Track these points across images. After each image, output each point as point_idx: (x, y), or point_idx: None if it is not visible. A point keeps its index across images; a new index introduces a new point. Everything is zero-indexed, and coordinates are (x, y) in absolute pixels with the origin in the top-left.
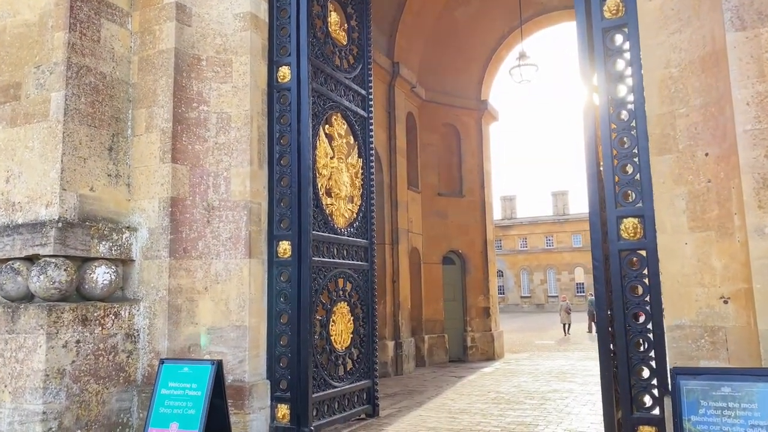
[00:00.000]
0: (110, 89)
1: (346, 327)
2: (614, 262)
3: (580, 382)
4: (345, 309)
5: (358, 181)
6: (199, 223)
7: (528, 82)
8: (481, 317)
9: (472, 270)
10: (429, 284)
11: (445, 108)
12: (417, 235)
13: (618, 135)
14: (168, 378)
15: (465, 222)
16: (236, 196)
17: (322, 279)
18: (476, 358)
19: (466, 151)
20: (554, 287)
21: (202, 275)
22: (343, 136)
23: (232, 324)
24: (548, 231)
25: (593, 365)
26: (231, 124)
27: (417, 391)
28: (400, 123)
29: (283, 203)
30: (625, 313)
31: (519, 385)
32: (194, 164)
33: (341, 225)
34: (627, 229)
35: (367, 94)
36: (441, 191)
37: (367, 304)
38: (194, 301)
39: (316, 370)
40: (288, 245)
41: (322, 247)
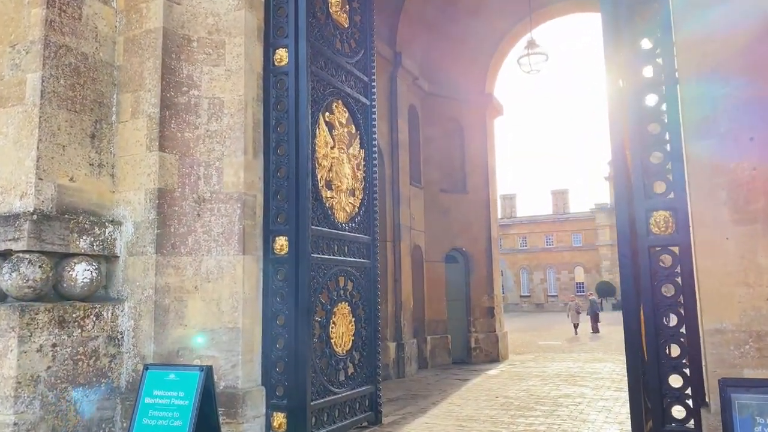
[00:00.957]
0: (93, 71)
1: (347, 329)
2: (643, 260)
3: (591, 386)
4: (346, 310)
5: (360, 173)
6: (188, 217)
7: (537, 72)
8: (485, 317)
9: (476, 269)
10: (431, 283)
11: (449, 101)
12: (419, 233)
13: (646, 120)
14: (153, 385)
15: (468, 219)
16: (229, 187)
17: (322, 277)
18: (480, 360)
19: (470, 146)
20: (554, 287)
21: (192, 273)
22: (345, 124)
23: (224, 326)
24: (548, 230)
25: (602, 367)
26: (224, 110)
27: (421, 395)
28: (402, 116)
29: (280, 196)
30: (655, 315)
31: (528, 389)
32: (184, 153)
33: (342, 220)
34: (657, 223)
35: (369, 80)
36: (444, 187)
37: (369, 305)
38: (183, 301)
39: (315, 376)
40: (285, 241)
41: (321, 243)
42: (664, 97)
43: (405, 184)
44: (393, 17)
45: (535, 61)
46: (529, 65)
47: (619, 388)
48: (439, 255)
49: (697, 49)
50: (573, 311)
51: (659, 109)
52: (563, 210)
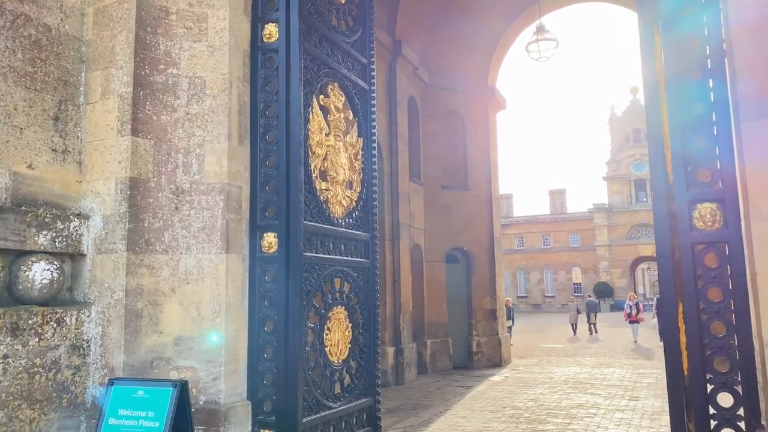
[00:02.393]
0: (57, 45)
1: (343, 335)
2: (686, 259)
3: (603, 395)
4: (342, 314)
5: (357, 164)
6: (165, 210)
7: (546, 59)
8: (487, 320)
9: (478, 269)
10: (431, 284)
11: (450, 94)
12: (419, 231)
13: (689, 97)
14: (118, 404)
15: (470, 217)
16: (211, 177)
17: (315, 278)
18: (482, 365)
19: (472, 140)
20: (551, 287)
21: (169, 273)
22: (341, 110)
23: (204, 333)
24: (545, 230)
25: (610, 373)
26: (206, 90)
27: (422, 405)
28: (402, 108)
29: (269, 187)
30: (700, 323)
31: (536, 398)
32: (160, 138)
33: (338, 215)
34: (702, 217)
35: (368, 62)
36: (444, 184)
37: (368, 308)
38: (158, 305)
39: (308, 389)
40: (274, 238)
41: (315, 240)
42: (710, 72)
43: (404, 180)
44: (392, 4)
45: (544, 48)
46: (538, 52)
47: (634, 397)
48: (440, 254)
49: (755, 12)
50: (573, 311)
51: (705, 85)
52: (561, 210)
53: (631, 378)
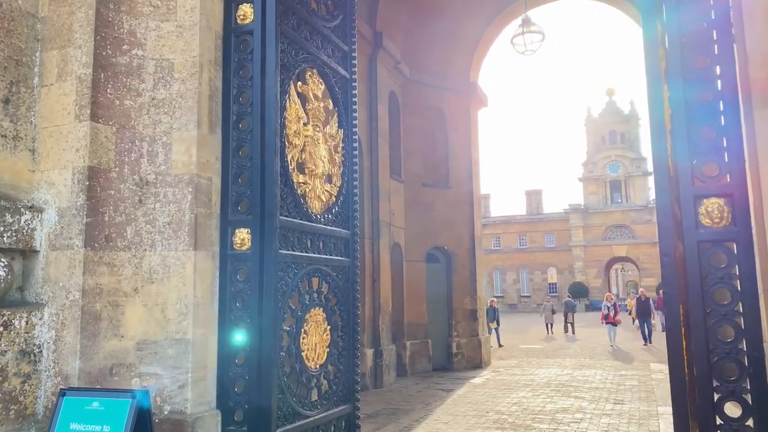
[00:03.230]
0: (8, 22)
1: (321, 339)
2: (691, 258)
3: (588, 398)
4: (320, 316)
5: (338, 157)
6: (128, 203)
7: (532, 53)
8: (468, 321)
9: (459, 269)
10: (411, 284)
11: (431, 89)
12: (399, 229)
13: (695, 85)
14: (70, 417)
15: (451, 216)
16: (179, 168)
17: (292, 278)
18: (462, 366)
19: (453, 138)
20: (527, 287)
21: (131, 272)
22: (320, 98)
23: (170, 337)
24: (522, 230)
25: (592, 375)
26: (174, 74)
27: (402, 409)
28: (383, 102)
29: (242, 179)
30: (706, 327)
31: (519, 402)
32: (123, 125)
33: (317, 210)
34: (709, 214)
35: (349, 49)
36: (426, 181)
37: (347, 310)
38: (119, 307)
39: (283, 397)
40: (247, 234)
41: (291, 237)
42: (717, 58)
43: (385, 177)
44: None
45: (530, 41)
46: (523, 45)
47: (619, 401)
48: (420, 254)
49: None
50: (548, 311)
51: (712, 72)
52: (537, 210)
53: (614, 380)
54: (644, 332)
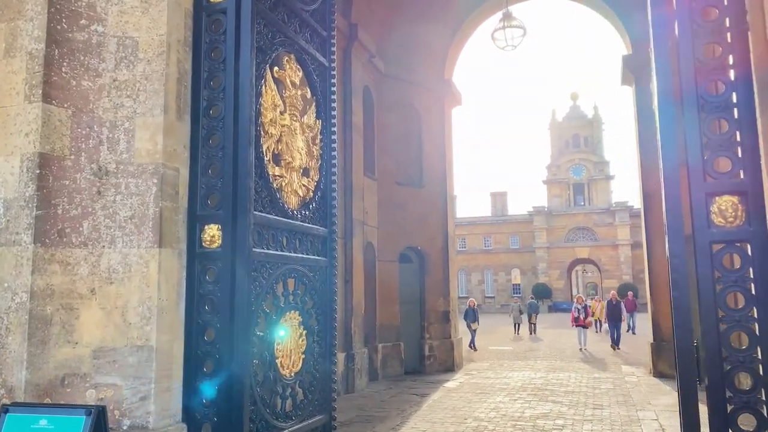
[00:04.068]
0: None
1: (296, 345)
2: (702, 260)
3: (566, 403)
4: (296, 320)
5: (316, 149)
6: (84, 195)
7: (513, 48)
8: (440, 323)
9: (432, 269)
10: (384, 285)
11: (406, 85)
12: (372, 229)
13: (707, 76)
14: None
15: (425, 216)
16: (143, 157)
17: (266, 279)
18: (434, 369)
19: (427, 136)
20: (491, 288)
21: (88, 271)
22: (298, 86)
23: (131, 343)
24: (487, 232)
25: (566, 378)
26: (138, 54)
27: (376, 417)
28: (357, 97)
29: (212, 171)
30: (719, 334)
31: (497, 408)
32: (80, 108)
33: (293, 205)
34: (722, 212)
35: (328, 35)
36: (399, 180)
37: (324, 313)
38: (73, 310)
39: (255, 408)
40: (217, 230)
41: (266, 234)
42: (731, 47)
43: (358, 174)
44: None
45: (511, 36)
46: (504, 40)
47: (598, 406)
48: (393, 254)
49: None
50: (516, 312)
51: (724, 61)
52: (502, 212)
53: (588, 384)
54: (614, 336)
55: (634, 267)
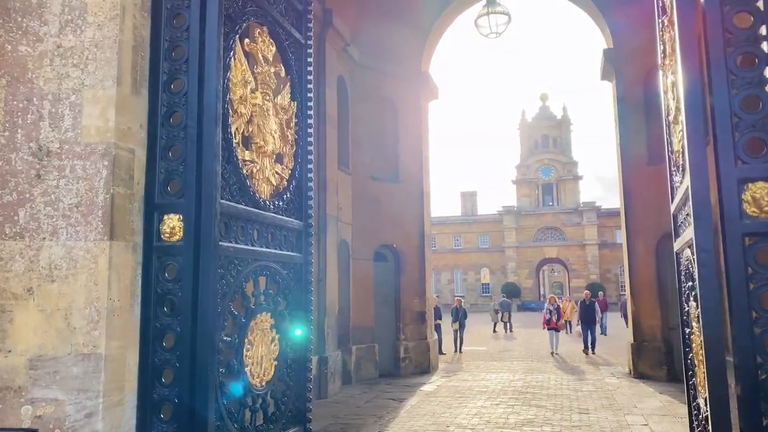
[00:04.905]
0: None
1: (268, 350)
2: (733, 255)
3: (550, 408)
4: (267, 323)
5: (290, 133)
6: (21, 178)
7: (497, 35)
8: (416, 323)
9: (407, 268)
10: (358, 284)
11: (382, 77)
12: (346, 225)
13: (737, 48)
14: None
15: (400, 212)
16: (91, 135)
17: (235, 277)
18: (410, 372)
19: (404, 129)
20: (460, 287)
21: (24, 267)
22: (271, 62)
23: (76, 351)
24: (457, 231)
25: (545, 380)
26: (87, 17)
27: (352, 425)
28: (331, 86)
29: (173, 153)
30: (753, 337)
31: (480, 413)
32: (16, 77)
33: (265, 195)
34: (756, 201)
35: (304, 9)
36: (375, 175)
37: (299, 315)
38: (6, 313)
39: (221, 424)
40: (179, 221)
41: (234, 226)
42: (763, 15)
43: (332, 168)
44: None
45: (495, 23)
46: (488, 26)
47: (583, 410)
48: (368, 252)
49: None
50: (492, 311)
51: (756, 31)
52: (472, 211)
53: (569, 386)
54: (587, 339)
55: (601, 266)
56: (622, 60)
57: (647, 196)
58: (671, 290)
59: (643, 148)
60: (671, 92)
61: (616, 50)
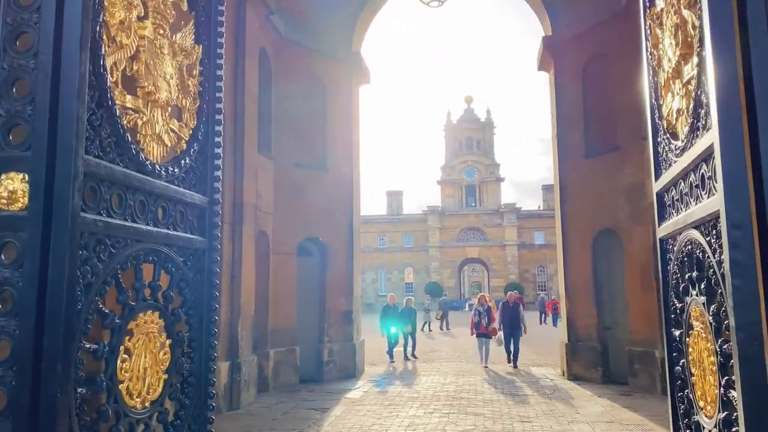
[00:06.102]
0: None
1: (155, 361)
2: None
3: (489, 416)
4: (155, 325)
5: (193, 84)
6: None
7: (440, 4)
8: (341, 324)
9: (335, 263)
10: (279, 281)
11: (310, 53)
12: (267, 215)
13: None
14: None
15: (328, 203)
16: None
17: (105, 262)
18: (333, 376)
19: (333, 114)
20: (384, 286)
21: None
22: None
23: None
24: (382, 230)
25: (478, 383)
26: None
27: None
28: (251, 58)
29: (19, 89)
30: None
31: (413, 425)
32: None
33: (156, 157)
34: None
35: None
36: (299, 161)
37: (200, 314)
38: None
39: None
40: (22, 182)
41: (106, 193)
42: None
43: (251, 149)
44: None
45: None
46: None
47: (525, 418)
48: (291, 245)
49: None
50: (423, 311)
51: None
52: (397, 211)
53: (503, 389)
54: (509, 349)
55: (520, 267)
56: (561, 49)
57: (584, 190)
58: (607, 289)
59: (580, 139)
60: (670, 36)
61: (555, 38)
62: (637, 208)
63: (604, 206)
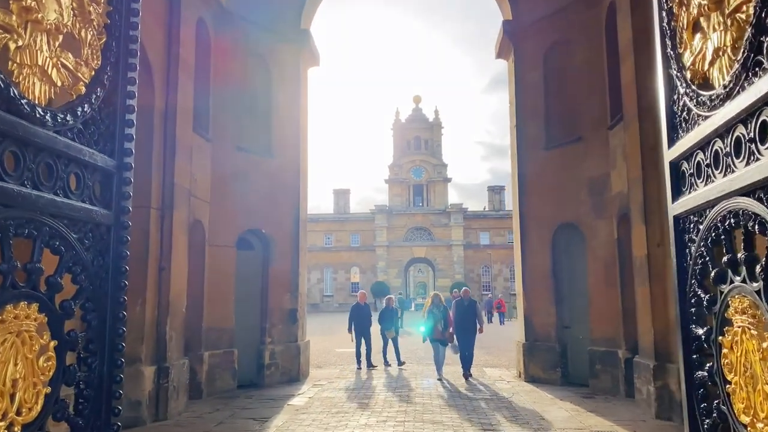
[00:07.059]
0: None
1: (31, 370)
2: None
3: (449, 423)
4: (32, 322)
5: (97, 13)
6: None
7: None
8: (285, 324)
9: (279, 258)
10: (216, 276)
11: (254, 28)
12: (203, 203)
13: None
14: None
15: (273, 192)
16: None
17: None
18: (275, 380)
19: (279, 96)
20: (330, 286)
21: None
22: None
23: None
24: (328, 229)
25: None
26: None
27: None
28: (188, 26)
29: None
30: None
31: None
32: None
33: (39, 98)
34: None
35: None
36: (241, 145)
37: (101, 308)
38: None
39: None
40: None
41: None
42: None
43: (185, 128)
44: None
45: None
46: None
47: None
48: (230, 237)
49: None
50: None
51: None
52: (344, 209)
53: (460, 393)
54: (465, 355)
55: (466, 266)
56: (521, 35)
57: (544, 183)
58: (567, 286)
59: (540, 130)
60: None
61: (515, 23)
62: (600, 202)
63: (565, 200)
